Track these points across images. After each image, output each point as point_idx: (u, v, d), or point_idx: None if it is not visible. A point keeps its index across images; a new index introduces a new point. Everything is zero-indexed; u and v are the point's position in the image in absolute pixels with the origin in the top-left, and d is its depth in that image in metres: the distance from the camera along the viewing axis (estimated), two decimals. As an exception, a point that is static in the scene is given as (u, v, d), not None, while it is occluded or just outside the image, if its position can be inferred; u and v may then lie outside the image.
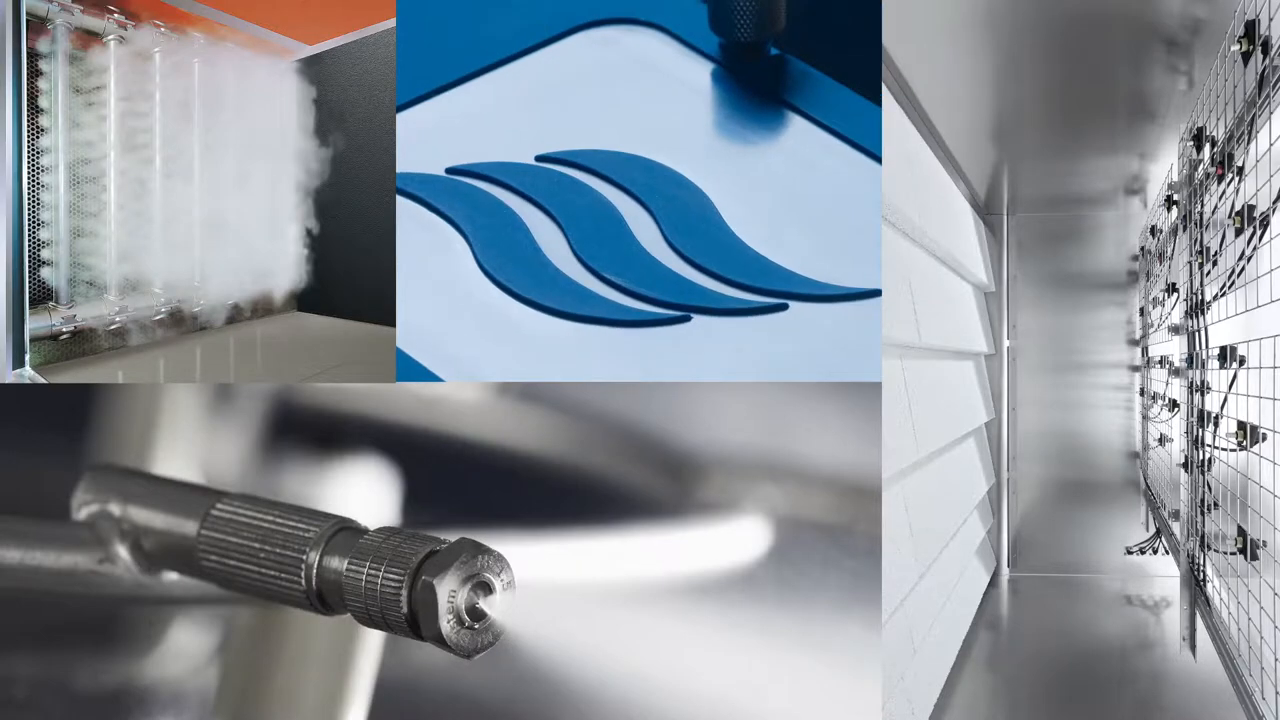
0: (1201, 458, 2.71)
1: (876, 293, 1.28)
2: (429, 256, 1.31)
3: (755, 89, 1.40)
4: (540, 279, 1.29)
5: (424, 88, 1.42)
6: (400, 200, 1.35)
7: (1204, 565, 2.75)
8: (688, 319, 1.27)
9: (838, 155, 1.37)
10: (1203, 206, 2.71)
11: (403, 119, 1.41)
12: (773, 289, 1.29)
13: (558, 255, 1.31)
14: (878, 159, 1.37)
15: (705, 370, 1.24)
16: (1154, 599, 4.68)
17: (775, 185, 1.34)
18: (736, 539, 1.32)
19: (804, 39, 1.45)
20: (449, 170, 1.36)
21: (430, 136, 1.38)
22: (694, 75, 1.41)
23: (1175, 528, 3.58)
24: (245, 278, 2.90)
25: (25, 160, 2.20)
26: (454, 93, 1.41)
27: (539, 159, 1.36)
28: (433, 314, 1.28)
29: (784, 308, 1.27)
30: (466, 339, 1.26)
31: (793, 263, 1.30)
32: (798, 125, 1.38)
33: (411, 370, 1.28)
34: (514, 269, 1.29)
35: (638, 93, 1.40)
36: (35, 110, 2.25)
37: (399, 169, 1.37)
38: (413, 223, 1.33)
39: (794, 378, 1.26)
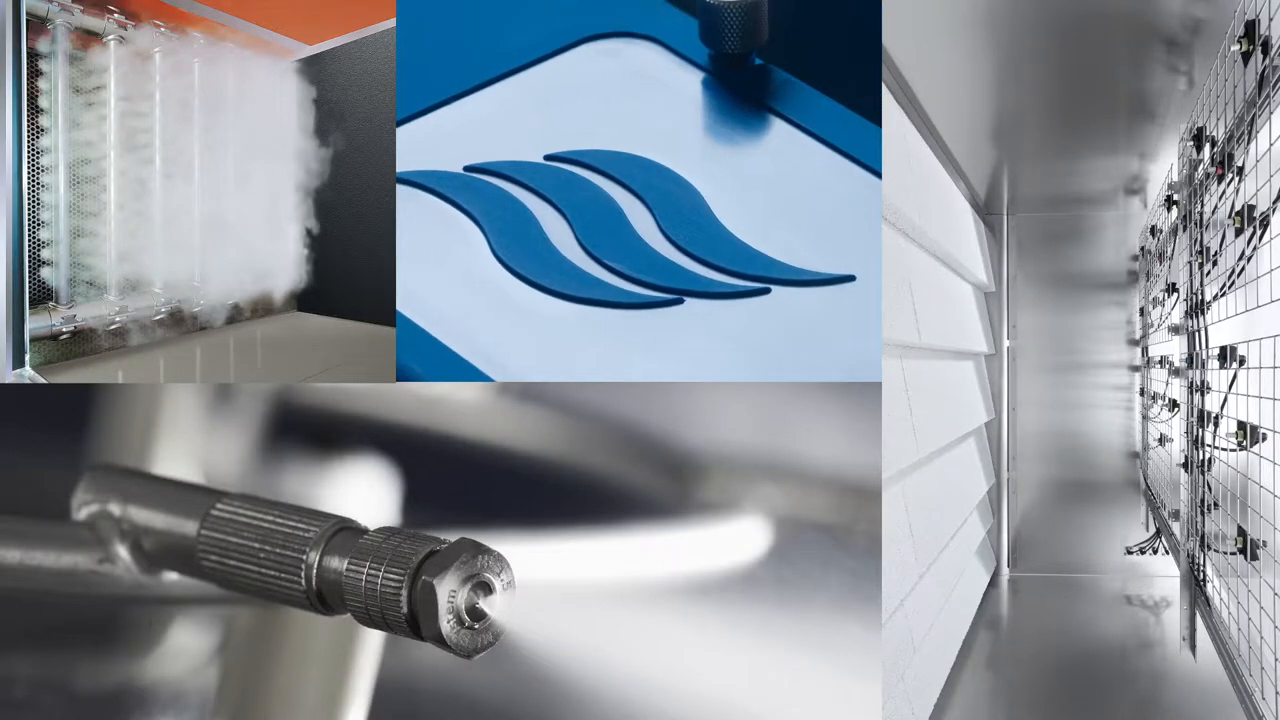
0: (1201, 458, 2.71)
1: (850, 278, 1.40)
2: (447, 245, 1.43)
3: (741, 95, 1.53)
4: (548, 265, 1.41)
5: (430, 100, 1.54)
6: (418, 194, 1.47)
7: (1204, 565, 2.75)
8: (680, 301, 1.38)
9: (815, 154, 1.49)
10: (1203, 206, 2.71)
11: (416, 124, 1.52)
12: (756, 274, 1.40)
13: (564, 244, 1.42)
14: (853, 158, 1.49)
15: (695, 349, 1.35)
16: (1154, 599, 4.68)
17: (760, 182, 1.47)
18: (736, 539, 1.32)
19: (792, 50, 1.58)
20: (466, 168, 1.48)
21: (447, 138, 1.51)
22: (686, 83, 1.54)
23: (1175, 528, 3.58)
24: (245, 278, 2.89)
25: (25, 160, 2.20)
26: (470, 99, 1.54)
27: (547, 158, 1.49)
28: (449, 297, 1.38)
29: (766, 291, 1.39)
30: (480, 319, 1.37)
31: (775, 251, 1.42)
32: (779, 128, 1.51)
33: (419, 345, 1.35)
34: (525, 257, 1.41)
35: (636, 99, 1.53)
36: (35, 110, 2.25)
37: (417, 167, 1.48)
38: (430, 215, 1.45)
39: (779, 357, 1.34)
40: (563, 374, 1.33)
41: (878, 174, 1.47)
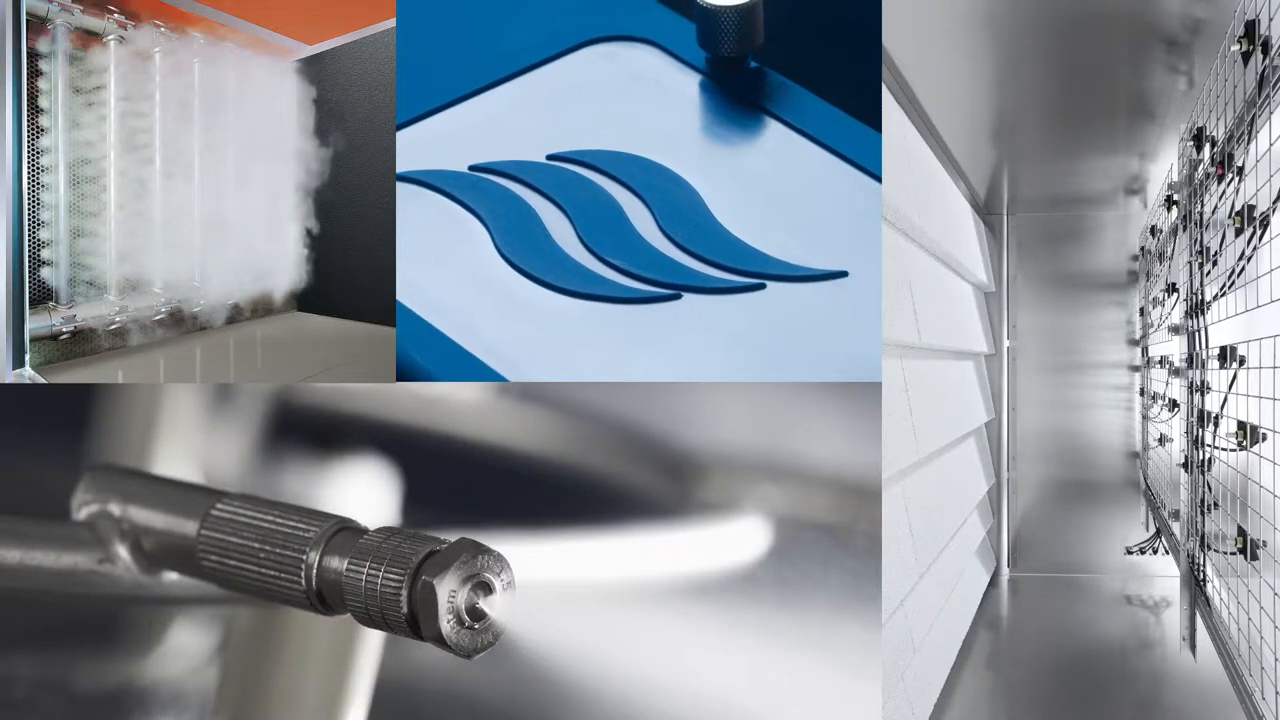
0: (1201, 458, 2.71)
1: (843, 274, 1.43)
2: (452, 242, 1.47)
3: (737, 98, 1.57)
4: (551, 262, 1.45)
5: (432, 103, 1.58)
6: (424, 192, 1.51)
7: (1204, 565, 2.75)
8: (678, 297, 1.42)
9: (810, 155, 1.53)
10: (1203, 206, 2.71)
11: (419, 127, 1.57)
12: (752, 270, 1.44)
13: (566, 241, 1.46)
14: (847, 158, 1.53)
15: (693, 344, 1.39)
16: (1154, 599, 4.68)
17: (756, 182, 1.51)
18: (736, 539, 1.32)
19: (791, 52, 1.63)
20: (472, 167, 1.52)
21: (451, 139, 1.55)
22: (684, 86, 1.59)
23: (1175, 528, 3.58)
24: (245, 278, 2.89)
25: (25, 160, 2.20)
26: (473, 101, 1.58)
27: (550, 158, 1.52)
28: (453, 291, 1.42)
29: (762, 287, 1.43)
30: (484, 313, 1.41)
31: (771, 248, 1.45)
32: (774, 129, 1.55)
33: (422, 337, 1.39)
34: (528, 253, 1.45)
35: (636, 100, 1.57)
36: (35, 110, 2.25)
37: (420, 166, 1.52)
38: (437, 213, 1.49)
39: (778, 356, 1.37)
40: (564, 367, 1.35)
41: (872, 173, 1.50)
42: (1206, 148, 2.63)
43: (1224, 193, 2.36)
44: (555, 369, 1.36)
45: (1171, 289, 3.51)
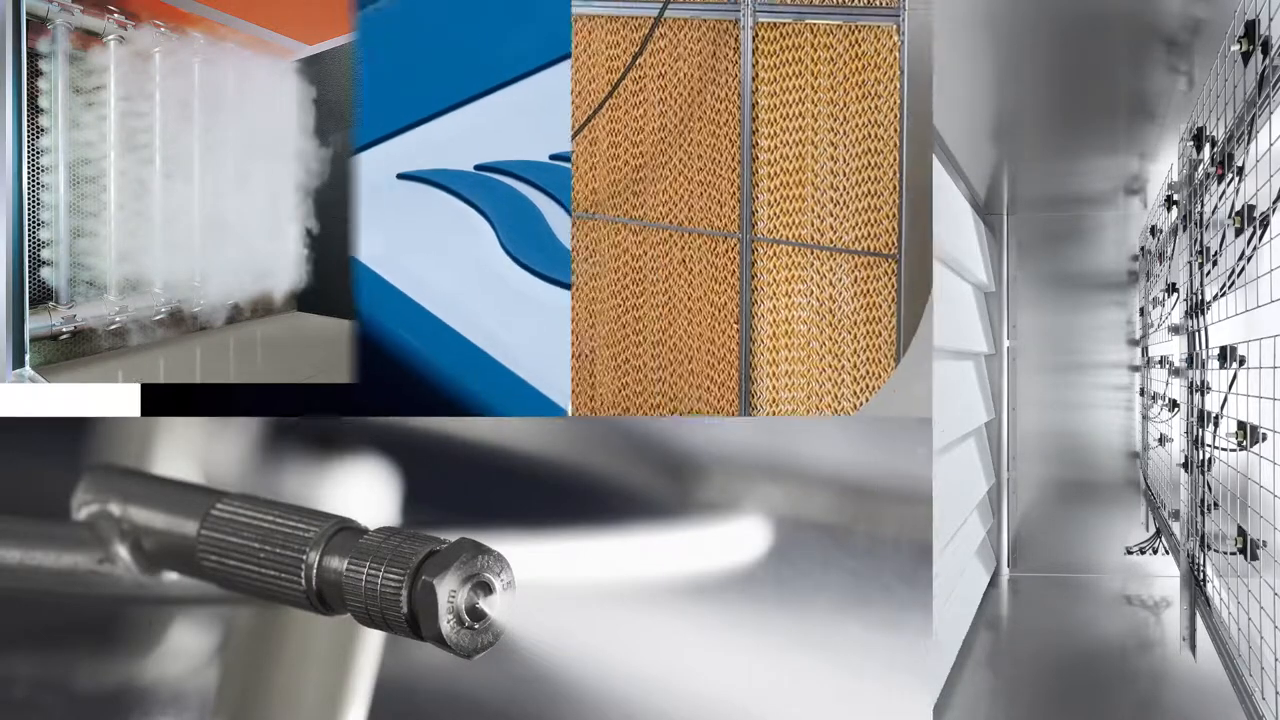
0: (1201, 458, 2.71)
1: None
2: (458, 237, 1.54)
3: None
4: (552, 255, 1.50)
5: (435, 105, 1.66)
6: (430, 190, 1.59)
7: (1204, 565, 2.75)
8: None
9: None
10: (1203, 206, 2.71)
11: (420, 130, 1.66)
12: None
13: (567, 237, 1.53)
14: None
15: None
16: (1154, 599, 4.68)
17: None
18: (736, 539, 1.32)
19: None
20: (477, 167, 1.59)
21: (456, 141, 1.62)
22: None
23: (1175, 528, 3.58)
24: (245, 278, 2.89)
25: (25, 160, 2.20)
26: (477, 103, 1.64)
27: (552, 158, 1.59)
28: (460, 284, 1.49)
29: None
30: (488, 306, 1.48)
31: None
32: None
33: (424, 326, 1.44)
34: (528, 246, 1.52)
35: None
36: (35, 110, 2.25)
37: (430, 165, 1.60)
38: (443, 209, 1.57)
39: None
40: (562, 357, 1.37)
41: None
42: (1206, 148, 2.63)
43: (1224, 193, 2.36)
44: (554, 357, 1.38)
45: (1171, 289, 3.51)
